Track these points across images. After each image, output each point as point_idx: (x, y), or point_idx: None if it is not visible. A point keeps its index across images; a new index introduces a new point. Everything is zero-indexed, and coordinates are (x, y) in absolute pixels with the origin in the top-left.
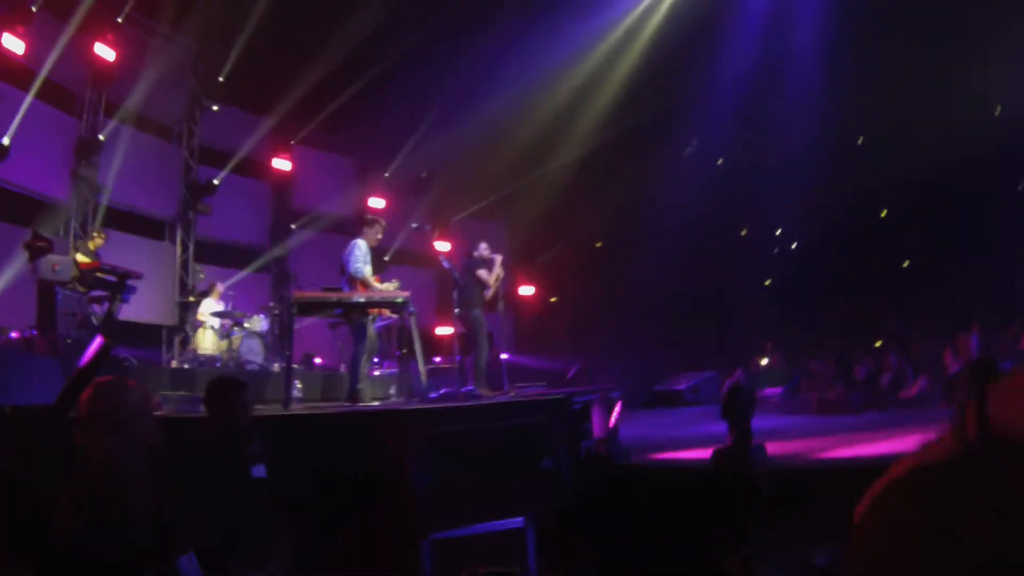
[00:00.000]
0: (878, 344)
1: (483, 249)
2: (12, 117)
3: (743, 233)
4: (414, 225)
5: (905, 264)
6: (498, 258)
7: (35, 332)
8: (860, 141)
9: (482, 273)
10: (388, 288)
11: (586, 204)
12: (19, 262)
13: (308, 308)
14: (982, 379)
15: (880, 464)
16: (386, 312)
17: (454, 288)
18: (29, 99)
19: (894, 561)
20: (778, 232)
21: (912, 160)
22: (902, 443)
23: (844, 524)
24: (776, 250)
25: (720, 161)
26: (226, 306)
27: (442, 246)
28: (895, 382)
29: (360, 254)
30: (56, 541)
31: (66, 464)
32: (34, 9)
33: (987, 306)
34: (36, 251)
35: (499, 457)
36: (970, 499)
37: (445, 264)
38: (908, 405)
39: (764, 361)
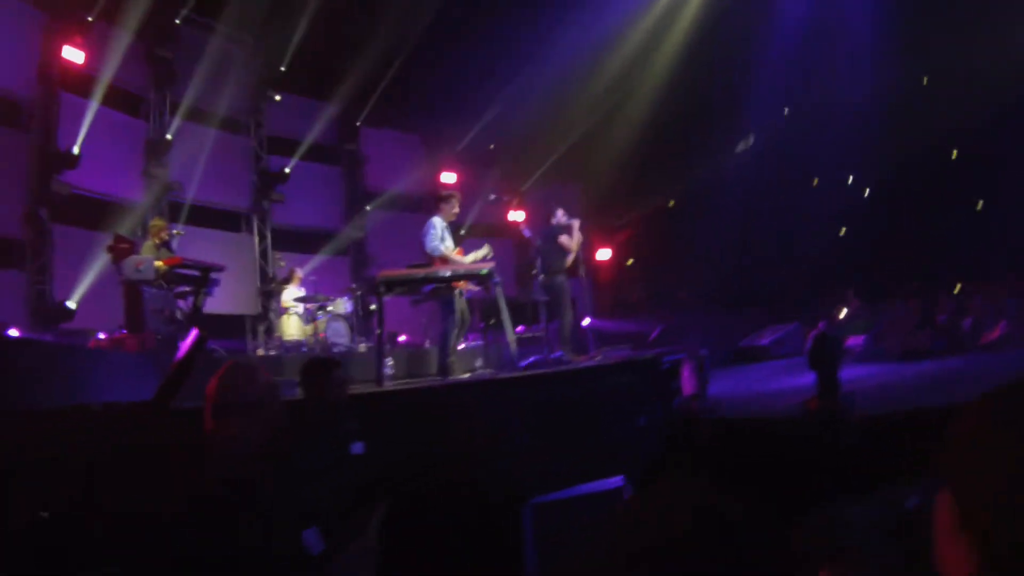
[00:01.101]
0: (958, 288)
1: (560, 215)
2: (80, 125)
3: (814, 183)
4: (492, 197)
5: (979, 206)
6: (576, 222)
7: (124, 331)
8: (925, 81)
9: (564, 239)
10: (478, 255)
11: (657, 164)
12: (100, 265)
13: (394, 286)
14: None
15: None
16: (466, 285)
17: (536, 256)
18: (95, 106)
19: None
20: (849, 180)
21: (981, 100)
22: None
23: (933, 467)
24: (848, 198)
25: (786, 111)
26: (308, 291)
27: (516, 215)
28: (976, 326)
29: (436, 232)
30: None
31: (167, 460)
32: (90, 19)
33: None
34: (119, 253)
35: (593, 420)
36: None
37: (526, 232)
38: (991, 349)
39: (845, 311)
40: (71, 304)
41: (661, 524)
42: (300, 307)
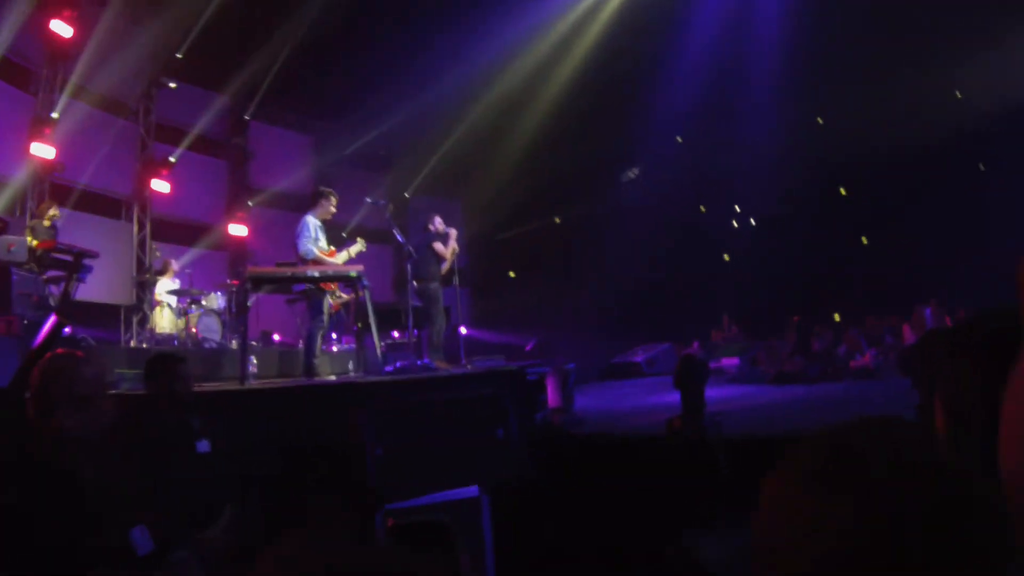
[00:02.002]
0: (836, 318)
1: (438, 223)
2: None
3: (702, 209)
4: (368, 200)
5: (864, 241)
6: (453, 232)
7: None
8: (820, 121)
9: (438, 246)
10: (351, 252)
11: (543, 180)
12: None
13: (262, 283)
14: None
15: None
16: (336, 287)
17: (407, 261)
18: None
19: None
20: (737, 209)
21: (872, 141)
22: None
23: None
24: (735, 225)
25: (679, 139)
26: (183, 284)
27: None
28: (849, 353)
29: (309, 233)
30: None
31: (21, 447)
32: None
33: (941, 284)
34: None
35: (453, 429)
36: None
37: (399, 237)
38: (862, 376)
39: (721, 334)
40: None
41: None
42: (174, 300)
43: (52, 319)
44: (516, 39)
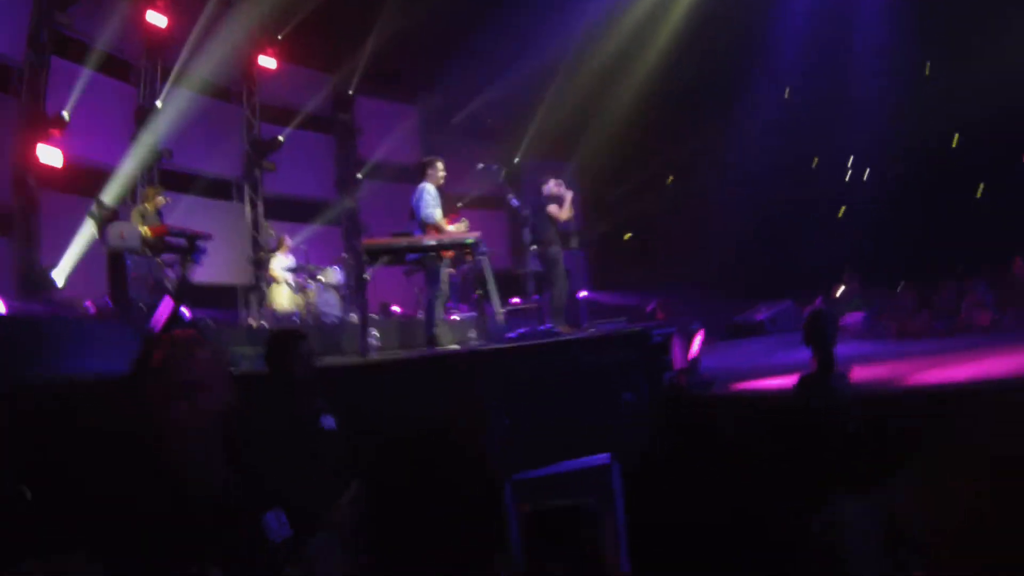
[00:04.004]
0: (958, 271)
1: (552, 185)
2: (69, 91)
3: (814, 164)
4: (480, 165)
5: (979, 192)
6: (569, 193)
7: (109, 301)
8: (927, 70)
9: (553, 209)
10: (459, 229)
11: (655, 140)
12: (88, 233)
13: (378, 254)
14: None
15: (965, 388)
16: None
17: (524, 226)
18: (86, 72)
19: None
20: (850, 161)
21: (984, 88)
22: (987, 366)
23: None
24: (848, 178)
25: (787, 93)
26: (299, 260)
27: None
28: (973, 308)
29: (429, 198)
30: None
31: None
32: None
33: None
34: (102, 219)
35: (580, 394)
36: None
37: (513, 202)
38: (988, 330)
39: (841, 289)
40: (57, 274)
41: None
42: (291, 277)
43: (167, 302)
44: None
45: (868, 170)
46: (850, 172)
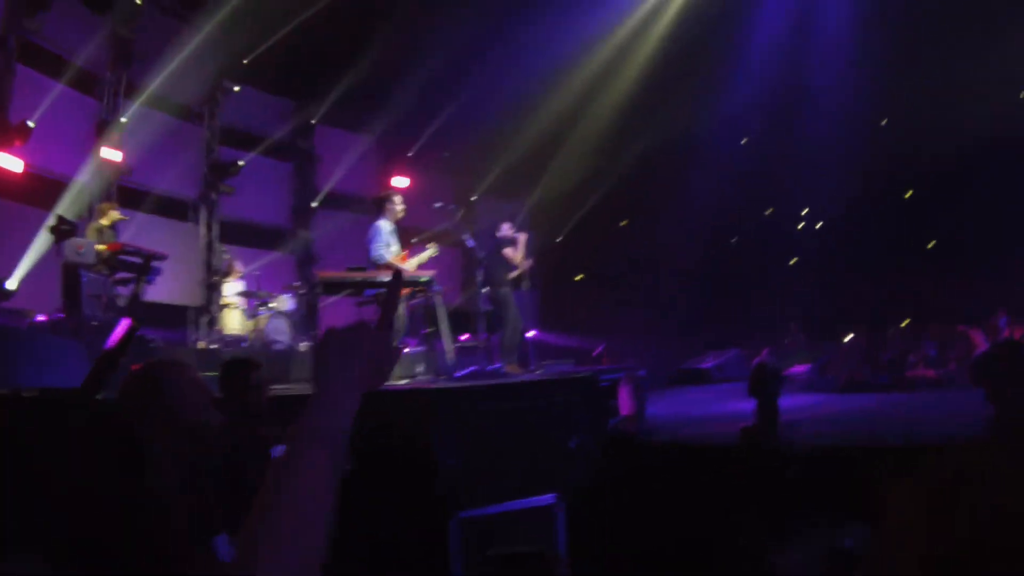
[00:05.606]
0: (904, 324)
1: (506, 228)
2: (30, 99)
3: (768, 212)
4: (437, 204)
5: (930, 246)
6: (522, 236)
7: (61, 315)
8: (884, 122)
9: (508, 251)
10: (422, 258)
11: (609, 182)
12: (43, 245)
13: (333, 288)
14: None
15: (909, 446)
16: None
17: (478, 267)
18: (51, 82)
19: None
20: (804, 212)
21: (937, 143)
22: (929, 424)
23: (874, 504)
24: (801, 227)
25: (744, 141)
26: (250, 286)
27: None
28: (919, 363)
29: (382, 239)
30: (86, 530)
31: (91, 450)
32: None
33: (1012, 291)
34: (60, 234)
35: (526, 435)
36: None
37: (469, 243)
38: (931, 386)
39: (788, 340)
40: (11, 283)
41: None
42: (242, 302)
43: (125, 322)
44: (579, 40)
45: (820, 223)
46: (803, 224)
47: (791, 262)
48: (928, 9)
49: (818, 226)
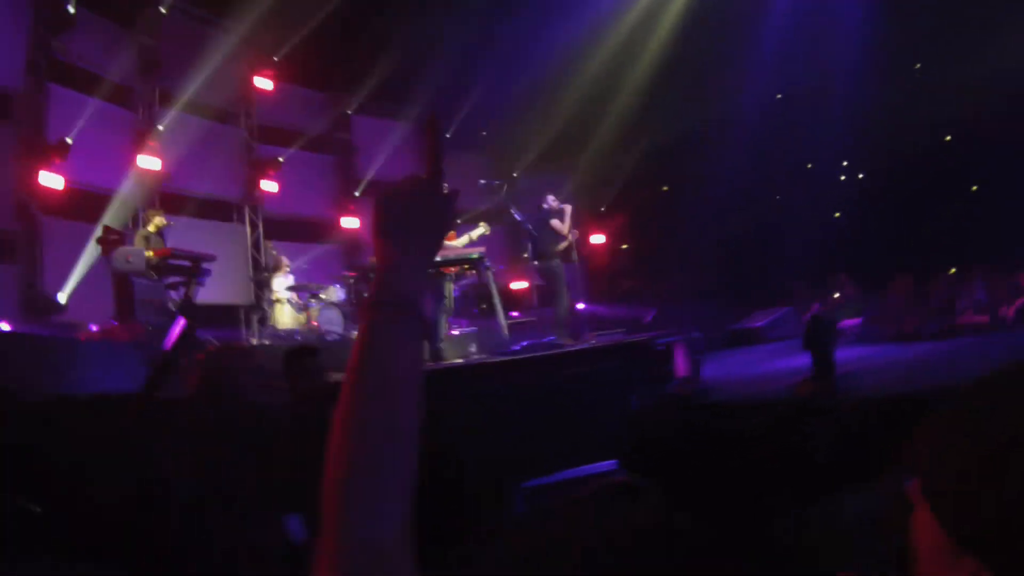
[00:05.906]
0: (951, 271)
1: (551, 201)
2: (68, 117)
3: (808, 167)
4: (482, 181)
5: (973, 189)
6: (568, 208)
7: (115, 323)
8: (917, 67)
9: (555, 223)
10: (473, 235)
11: (649, 148)
12: (91, 257)
13: None
14: None
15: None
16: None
17: (527, 241)
18: (85, 98)
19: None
20: (844, 164)
21: (975, 84)
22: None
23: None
24: (843, 183)
25: (779, 96)
26: (299, 279)
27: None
28: (968, 309)
29: None
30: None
31: (154, 451)
32: (72, 10)
33: None
34: (109, 244)
35: (586, 403)
36: None
37: (518, 216)
38: (983, 332)
39: (838, 295)
40: (62, 297)
41: None
42: (292, 295)
43: (181, 322)
44: (610, 6)
45: (862, 175)
46: (844, 176)
47: (835, 215)
48: None
49: (860, 177)
